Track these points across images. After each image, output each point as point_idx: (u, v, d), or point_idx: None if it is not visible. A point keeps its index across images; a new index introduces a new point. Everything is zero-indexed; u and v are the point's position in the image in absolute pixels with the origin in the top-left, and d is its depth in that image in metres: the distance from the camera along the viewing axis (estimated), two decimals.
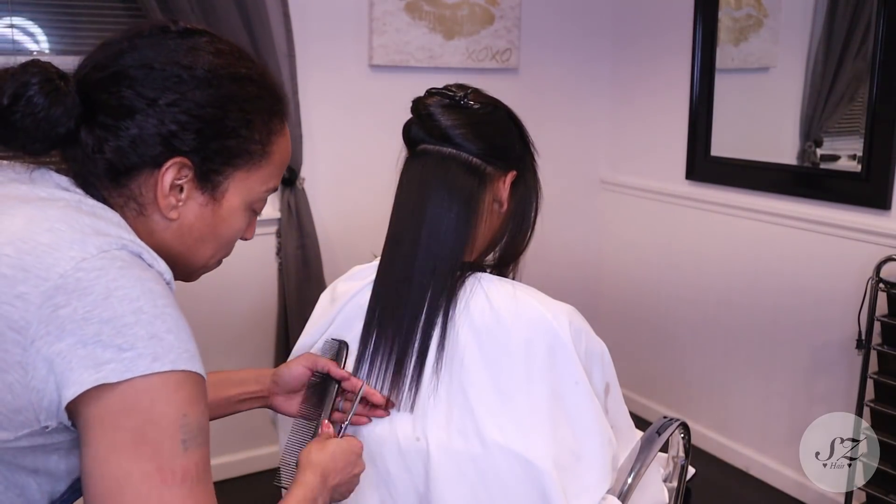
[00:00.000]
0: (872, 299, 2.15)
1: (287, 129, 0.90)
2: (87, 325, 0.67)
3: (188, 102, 0.79)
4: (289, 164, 2.78)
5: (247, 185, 0.85)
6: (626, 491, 1.10)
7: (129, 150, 0.78)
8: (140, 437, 0.69)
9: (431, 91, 1.13)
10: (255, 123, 0.84)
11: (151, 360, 0.69)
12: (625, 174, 3.19)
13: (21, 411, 0.69)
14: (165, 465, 0.69)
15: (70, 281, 0.68)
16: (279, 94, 0.88)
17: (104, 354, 0.67)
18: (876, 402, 2.17)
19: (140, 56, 0.79)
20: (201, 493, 0.72)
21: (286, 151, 0.90)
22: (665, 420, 1.23)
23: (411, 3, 2.73)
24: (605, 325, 3.15)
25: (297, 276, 2.62)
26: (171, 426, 0.70)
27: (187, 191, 0.82)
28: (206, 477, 0.73)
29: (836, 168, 2.48)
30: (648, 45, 3.04)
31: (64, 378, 0.67)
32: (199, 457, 0.72)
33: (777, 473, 2.66)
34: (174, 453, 0.70)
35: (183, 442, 0.70)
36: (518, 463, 1.00)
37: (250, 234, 0.92)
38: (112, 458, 0.69)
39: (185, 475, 0.70)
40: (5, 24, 2.22)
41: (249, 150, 0.84)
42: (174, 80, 0.79)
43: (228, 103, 0.81)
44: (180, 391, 0.71)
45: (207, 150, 0.81)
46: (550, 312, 1.07)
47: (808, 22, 2.51)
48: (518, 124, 1.16)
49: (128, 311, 0.69)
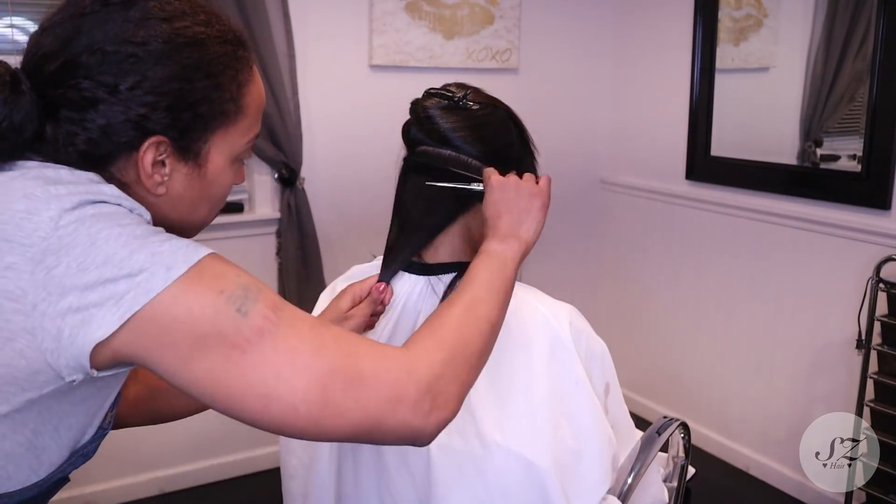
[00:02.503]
0: (872, 299, 2.15)
1: (256, 74, 0.86)
2: (87, 274, 0.67)
3: (151, 81, 0.75)
4: (289, 163, 2.76)
5: (228, 143, 0.83)
6: (626, 491, 1.10)
7: (101, 140, 0.76)
8: (196, 338, 0.69)
9: (430, 92, 1.12)
10: (224, 82, 0.80)
11: (165, 270, 0.68)
12: (625, 174, 3.19)
13: (40, 372, 0.69)
14: (237, 339, 0.69)
15: (53, 241, 0.67)
16: (241, 42, 0.84)
17: (117, 288, 0.67)
18: (876, 402, 2.17)
19: (88, 40, 0.74)
20: (284, 331, 0.71)
21: (259, 97, 0.86)
22: (665, 420, 1.23)
23: (411, 3, 2.73)
24: (605, 325, 3.15)
25: (297, 276, 2.63)
26: (217, 309, 0.69)
27: (170, 165, 0.79)
28: (281, 315, 0.72)
29: (836, 168, 2.48)
30: (648, 45, 3.04)
31: (83, 327, 0.67)
32: (261, 308, 0.71)
33: (777, 473, 2.66)
34: (237, 326, 0.70)
35: (238, 310, 0.70)
36: (518, 463, 1.00)
37: (240, 179, 0.90)
38: (188, 367, 0.69)
39: (259, 332, 0.70)
40: (5, 24, 2.22)
41: (224, 111, 0.81)
42: (131, 61, 0.75)
43: (193, 71, 0.77)
44: (203, 280, 0.70)
45: (181, 122, 0.78)
46: (551, 312, 1.07)
47: (808, 22, 2.51)
48: (518, 124, 1.16)
49: (117, 247, 0.68)
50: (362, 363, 0.74)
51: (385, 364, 0.75)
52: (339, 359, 0.73)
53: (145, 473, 2.59)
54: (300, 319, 0.74)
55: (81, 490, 2.48)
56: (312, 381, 0.71)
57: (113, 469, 2.53)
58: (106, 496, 2.53)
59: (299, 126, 2.58)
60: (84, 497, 2.48)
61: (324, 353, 0.73)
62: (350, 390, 0.72)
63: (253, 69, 0.85)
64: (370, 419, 0.73)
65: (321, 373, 0.72)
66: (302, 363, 0.71)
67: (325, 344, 0.73)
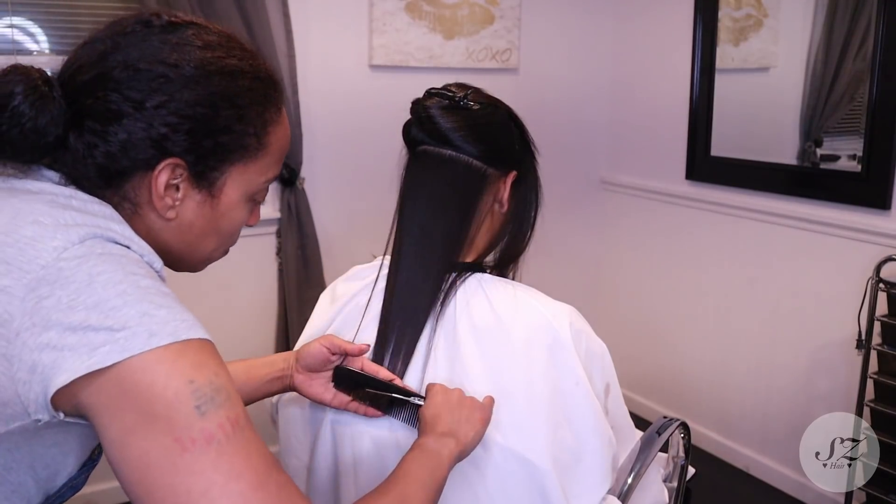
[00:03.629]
0: (872, 299, 2.15)
1: (284, 117, 0.87)
2: (74, 313, 0.66)
3: (177, 103, 0.76)
4: (289, 163, 2.76)
5: (245, 178, 0.83)
6: (626, 491, 1.10)
7: (120, 155, 0.76)
8: (148, 415, 0.66)
9: (431, 91, 1.12)
10: (249, 116, 0.81)
11: (147, 336, 0.66)
12: (625, 174, 3.19)
13: (8, 404, 0.67)
14: (183, 434, 0.66)
15: (52, 272, 0.67)
16: (273, 82, 0.85)
17: (96, 338, 0.65)
18: (876, 402, 2.17)
19: (124, 56, 0.76)
20: (234, 450, 0.67)
21: (284, 139, 0.87)
22: (665, 420, 1.23)
23: (411, 3, 2.73)
24: (605, 325, 3.14)
25: (297, 276, 2.63)
26: (178, 396, 0.66)
27: (183, 190, 0.79)
28: (238, 433, 0.68)
29: (836, 168, 2.48)
30: (648, 45, 3.04)
31: (54, 367, 0.65)
32: (222, 417, 0.67)
33: (777, 473, 2.66)
34: (190, 421, 0.66)
35: (197, 408, 0.66)
36: (518, 463, 1.00)
37: (254, 221, 0.89)
38: (127, 440, 0.66)
39: (208, 438, 0.66)
40: (5, 24, 2.22)
41: (245, 144, 0.81)
42: (161, 81, 0.76)
43: (219, 100, 0.78)
44: (181, 360, 0.67)
45: (200, 148, 0.78)
46: (551, 313, 1.07)
47: (808, 22, 2.51)
48: (519, 124, 1.16)
49: (113, 295, 0.67)
50: None
51: None
52: None
53: None
54: (255, 447, 0.69)
55: (81, 490, 2.48)
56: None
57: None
58: (106, 496, 2.52)
59: (299, 126, 2.58)
60: (84, 497, 2.48)
61: (261, 492, 0.67)
62: None
63: (282, 111, 0.86)
64: None
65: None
66: (237, 490, 0.66)
67: (268, 484, 0.68)
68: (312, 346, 1.08)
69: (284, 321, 2.65)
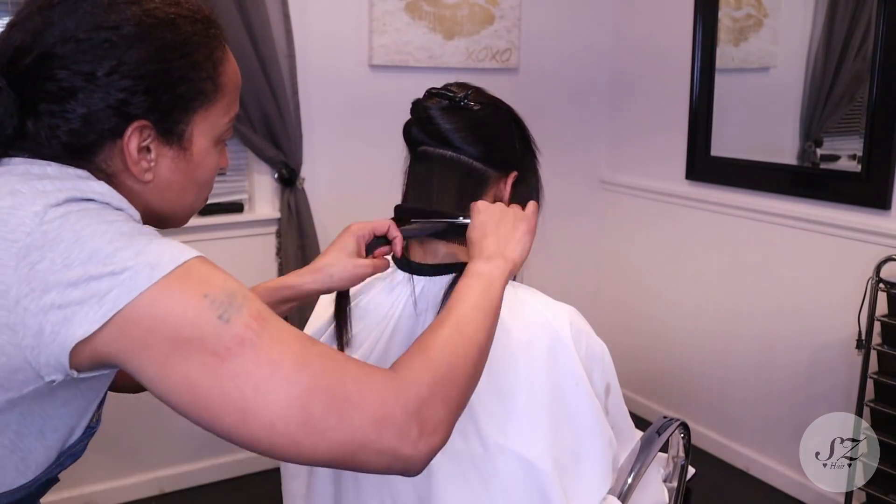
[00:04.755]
0: (872, 299, 2.15)
1: (229, 52, 0.86)
2: (70, 270, 0.66)
3: (127, 65, 0.75)
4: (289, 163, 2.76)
5: (210, 123, 0.83)
6: (626, 491, 1.10)
7: (84, 130, 0.75)
8: (177, 341, 0.67)
9: (431, 92, 1.12)
10: (199, 61, 0.80)
11: (149, 270, 0.67)
12: (625, 174, 3.19)
13: (19, 371, 0.68)
14: (217, 345, 0.67)
15: (37, 237, 0.67)
16: (210, 20, 0.83)
17: (100, 286, 0.66)
18: (876, 402, 2.17)
19: (61, 30, 0.74)
20: (268, 342, 0.69)
21: (235, 75, 0.86)
22: (665, 420, 1.23)
23: (411, 3, 2.73)
24: (605, 325, 3.15)
25: None
26: (199, 313, 0.67)
27: (155, 150, 0.79)
28: (265, 325, 0.70)
29: (836, 168, 2.48)
30: (649, 44, 3.04)
31: (66, 323, 0.66)
32: (245, 316, 0.69)
33: (777, 473, 2.66)
34: (218, 332, 0.67)
35: (220, 317, 0.68)
36: (519, 464, 1.00)
37: (225, 163, 0.89)
38: (165, 372, 0.67)
39: (240, 341, 0.68)
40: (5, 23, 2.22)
41: (202, 90, 0.80)
42: (106, 47, 0.74)
43: (167, 52, 0.77)
44: (187, 281, 0.68)
45: (162, 105, 0.77)
46: (551, 313, 1.07)
47: (808, 22, 2.51)
48: (519, 124, 1.16)
49: (102, 244, 0.67)
50: (348, 381, 0.71)
51: (371, 384, 0.72)
52: (323, 375, 0.70)
53: (145, 473, 2.59)
54: (285, 331, 0.72)
55: (81, 490, 2.48)
56: (293, 397, 0.68)
57: (113, 469, 2.53)
58: (106, 496, 2.53)
59: (299, 126, 2.58)
60: (84, 497, 2.48)
61: (307, 369, 0.70)
62: (333, 409, 0.69)
63: (225, 48, 0.85)
64: (354, 441, 0.70)
65: (303, 389, 0.69)
66: (283, 377, 0.68)
67: (310, 359, 0.71)
68: (338, 267, 1.05)
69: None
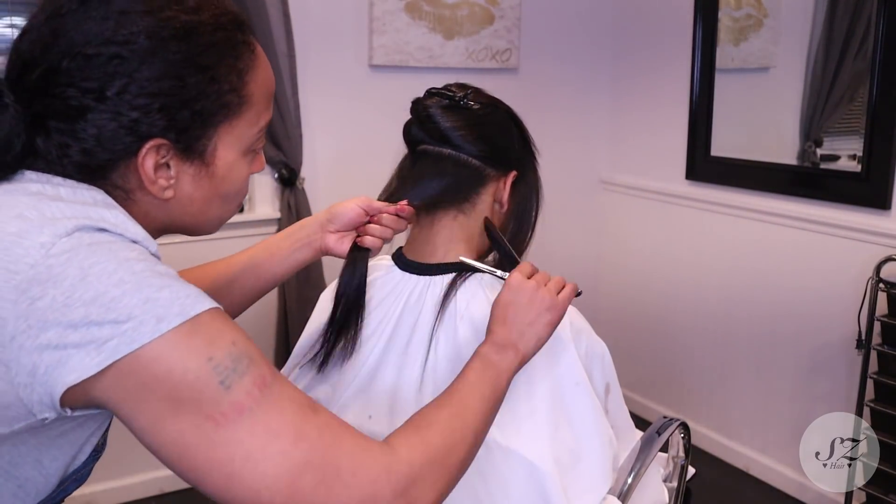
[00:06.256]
0: (872, 299, 2.15)
1: (260, 56, 0.78)
2: (71, 311, 0.62)
3: (139, 83, 0.69)
4: (289, 163, 2.74)
5: (234, 136, 0.77)
6: (626, 491, 1.10)
7: (97, 150, 0.70)
8: (174, 400, 0.64)
9: (431, 91, 1.13)
10: (220, 73, 0.73)
11: (155, 322, 0.63)
12: (625, 174, 3.19)
13: (10, 407, 0.65)
14: (213, 410, 0.65)
15: (42, 270, 0.63)
16: (237, 23, 0.76)
17: (101, 333, 0.62)
18: (876, 402, 2.17)
19: (67, 43, 0.68)
20: (266, 411, 0.67)
21: (267, 80, 0.79)
22: (665, 420, 1.23)
23: (411, 3, 2.73)
24: (605, 325, 3.15)
25: (296, 276, 2.62)
26: (200, 377, 0.64)
27: (175, 167, 0.74)
28: (267, 393, 0.67)
29: (836, 168, 2.48)
30: (648, 45, 3.04)
31: (60, 366, 0.63)
32: (248, 384, 0.66)
33: (777, 473, 2.66)
34: (217, 397, 0.65)
35: (221, 383, 0.65)
36: (519, 463, 1.00)
37: (259, 168, 0.84)
38: (158, 427, 0.65)
39: (239, 409, 0.65)
40: (5, 24, 2.22)
41: (225, 103, 0.74)
42: (115, 63, 0.68)
43: (184, 67, 0.71)
44: (194, 339, 0.65)
45: (179, 122, 0.72)
46: None
47: (808, 22, 2.51)
48: (519, 124, 1.16)
49: (110, 286, 0.63)
50: (341, 457, 0.69)
51: (364, 460, 0.70)
52: (318, 451, 0.68)
53: (145, 473, 2.59)
54: (287, 399, 0.69)
55: (81, 490, 2.48)
56: (283, 470, 0.67)
57: (113, 469, 2.53)
58: (106, 496, 2.52)
59: (299, 126, 2.58)
60: (84, 497, 2.48)
61: (303, 442, 0.68)
62: (322, 486, 0.68)
63: (256, 53, 0.78)
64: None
65: (294, 463, 0.67)
66: (277, 450, 0.67)
67: (307, 432, 0.68)
68: (347, 207, 1.09)
69: (284, 321, 2.65)
